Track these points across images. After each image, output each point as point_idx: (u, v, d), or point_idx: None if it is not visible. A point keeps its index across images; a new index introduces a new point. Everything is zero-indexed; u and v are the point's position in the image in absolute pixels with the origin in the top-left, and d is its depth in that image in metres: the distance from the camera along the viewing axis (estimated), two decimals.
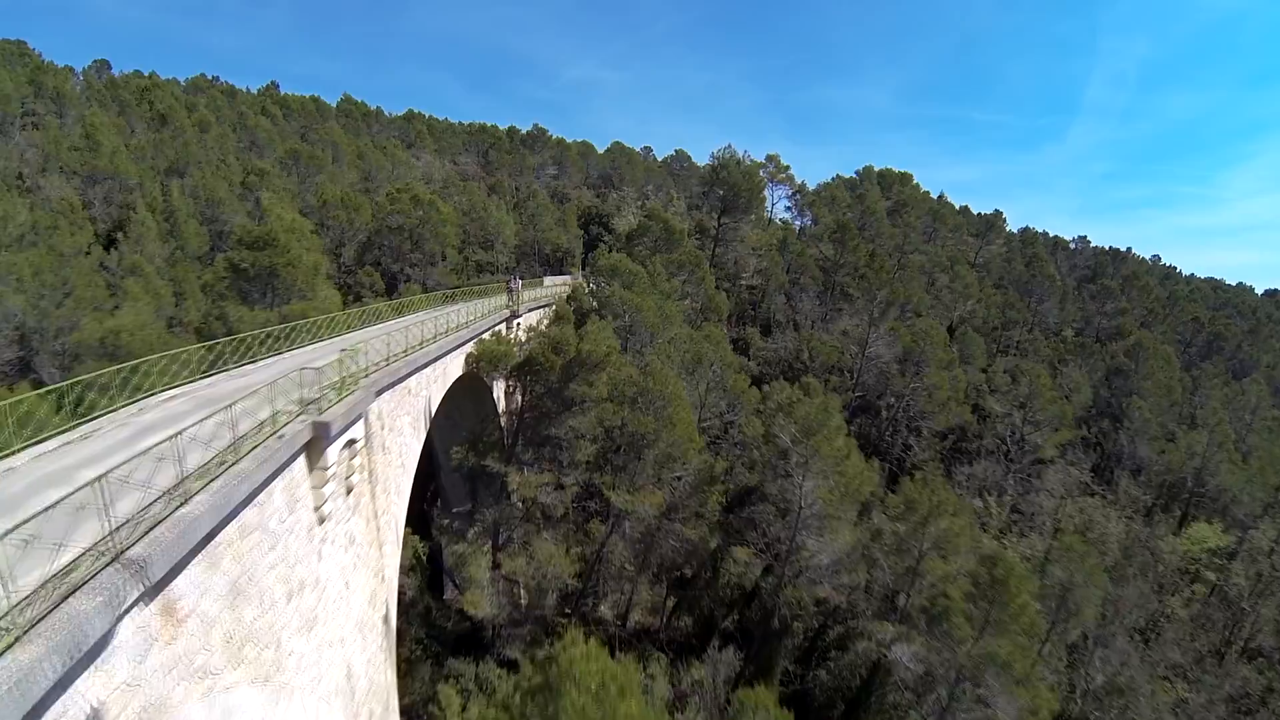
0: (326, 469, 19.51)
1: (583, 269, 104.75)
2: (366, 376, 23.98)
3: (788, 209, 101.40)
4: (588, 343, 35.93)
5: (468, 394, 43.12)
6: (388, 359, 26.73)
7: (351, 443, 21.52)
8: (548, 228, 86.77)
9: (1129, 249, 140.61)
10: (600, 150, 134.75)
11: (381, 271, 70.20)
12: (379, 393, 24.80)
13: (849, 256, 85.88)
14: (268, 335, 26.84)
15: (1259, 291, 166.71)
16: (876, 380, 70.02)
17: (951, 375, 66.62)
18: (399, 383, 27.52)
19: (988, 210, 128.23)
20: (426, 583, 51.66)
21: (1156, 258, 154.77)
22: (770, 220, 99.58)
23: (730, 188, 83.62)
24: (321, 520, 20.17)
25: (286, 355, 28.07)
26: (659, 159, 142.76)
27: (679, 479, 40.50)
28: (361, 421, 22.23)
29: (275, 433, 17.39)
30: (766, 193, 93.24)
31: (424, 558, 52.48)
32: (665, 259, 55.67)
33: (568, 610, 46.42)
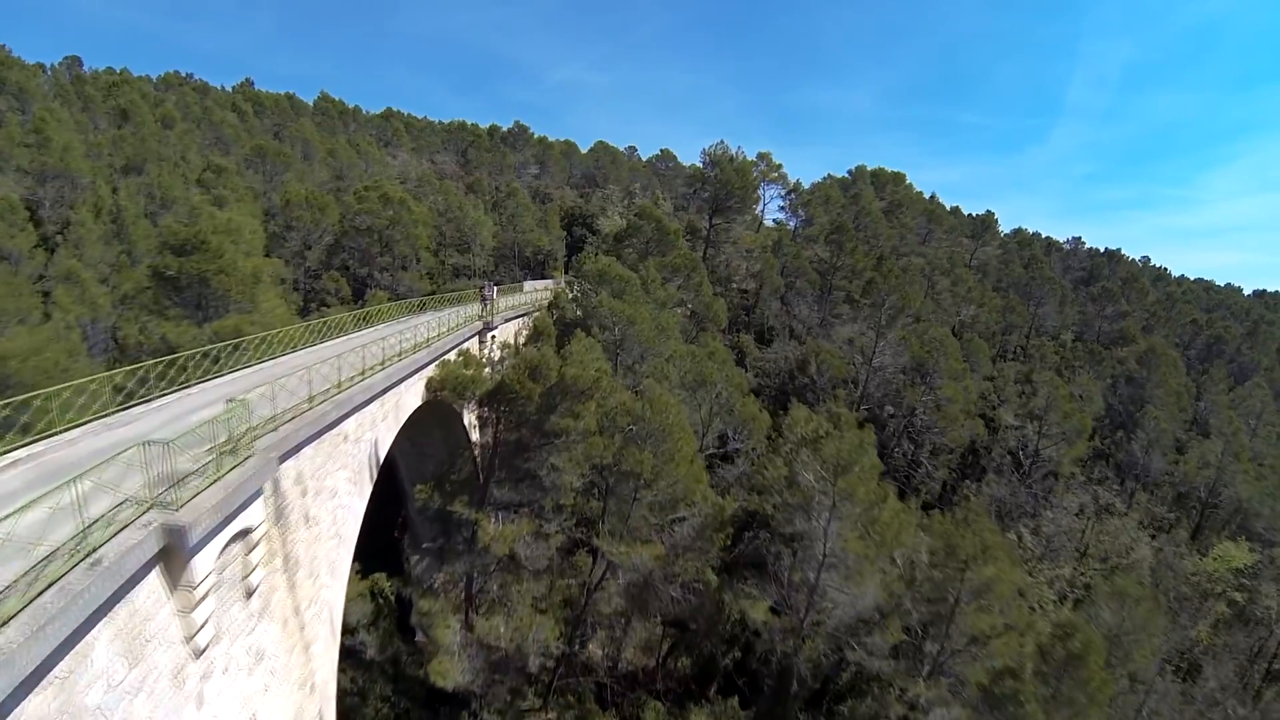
0: (195, 587, 12.93)
1: (566, 272, 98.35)
2: (275, 430, 17.37)
3: (781, 209, 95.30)
4: (572, 366, 29.42)
5: (435, 419, 36.63)
6: (310, 399, 20.04)
7: (245, 533, 14.95)
8: (528, 229, 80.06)
9: (1121, 250, 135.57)
10: (584, 150, 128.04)
11: (349, 276, 63.33)
12: (294, 450, 18.19)
13: (846, 259, 79.98)
14: (172, 363, 20.20)
15: (1246, 292, 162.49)
16: (882, 391, 63.94)
17: (963, 387, 60.60)
18: (331, 429, 20.89)
19: (977, 211, 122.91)
20: (395, 625, 45.08)
21: (1146, 259, 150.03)
22: (762, 221, 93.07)
23: (723, 186, 77.28)
24: (200, 652, 13.59)
25: (195, 390, 21.46)
26: (644, 159, 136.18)
27: (681, 520, 34.06)
28: (261, 500, 15.63)
29: (84, 558, 10.78)
30: (759, 192, 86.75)
31: (392, 597, 45.92)
32: (658, 262, 49.25)
33: (554, 657, 39.95)
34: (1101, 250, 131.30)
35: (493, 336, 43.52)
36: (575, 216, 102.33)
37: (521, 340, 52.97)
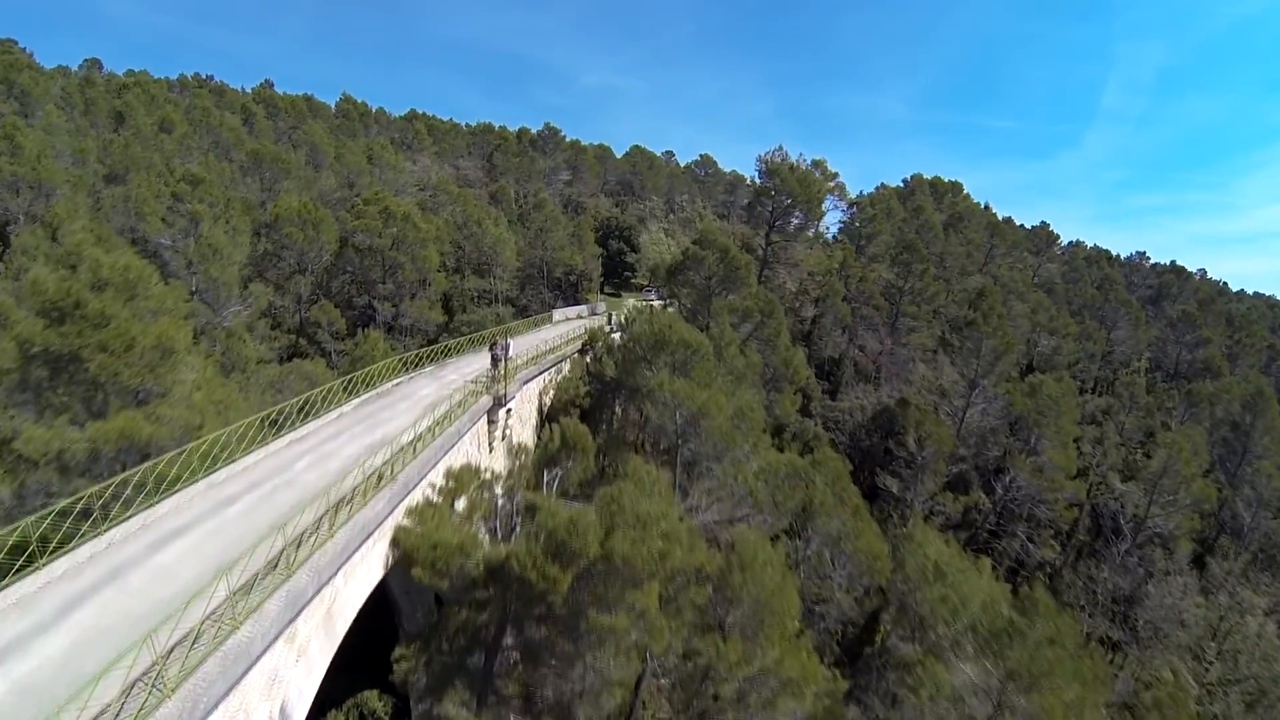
0: None
1: (601, 292, 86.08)
2: None
3: (840, 222, 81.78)
4: (623, 536, 16.88)
5: None
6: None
7: None
8: (558, 245, 67.64)
9: (1185, 265, 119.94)
10: (619, 154, 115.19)
11: (346, 305, 51.24)
12: None
13: (915, 282, 66.70)
14: None
15: None
16: (973, 449, 50.94)
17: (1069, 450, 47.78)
18: None
19: (1028, 221, 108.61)
20: None
21: (1203, 272, 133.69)
22: (823, 237, 79.50)
23: (783, 197, 64.22)
24: None
25: None
26: (682, 164, 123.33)
27: None
28: None
29: None
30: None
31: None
32: (727, 306, 36.66)
33: None
34: (1167, 265, 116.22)
35: (507, 414, 31.18)
36: (611, 229, 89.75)
37: (548, 400, 40.62)
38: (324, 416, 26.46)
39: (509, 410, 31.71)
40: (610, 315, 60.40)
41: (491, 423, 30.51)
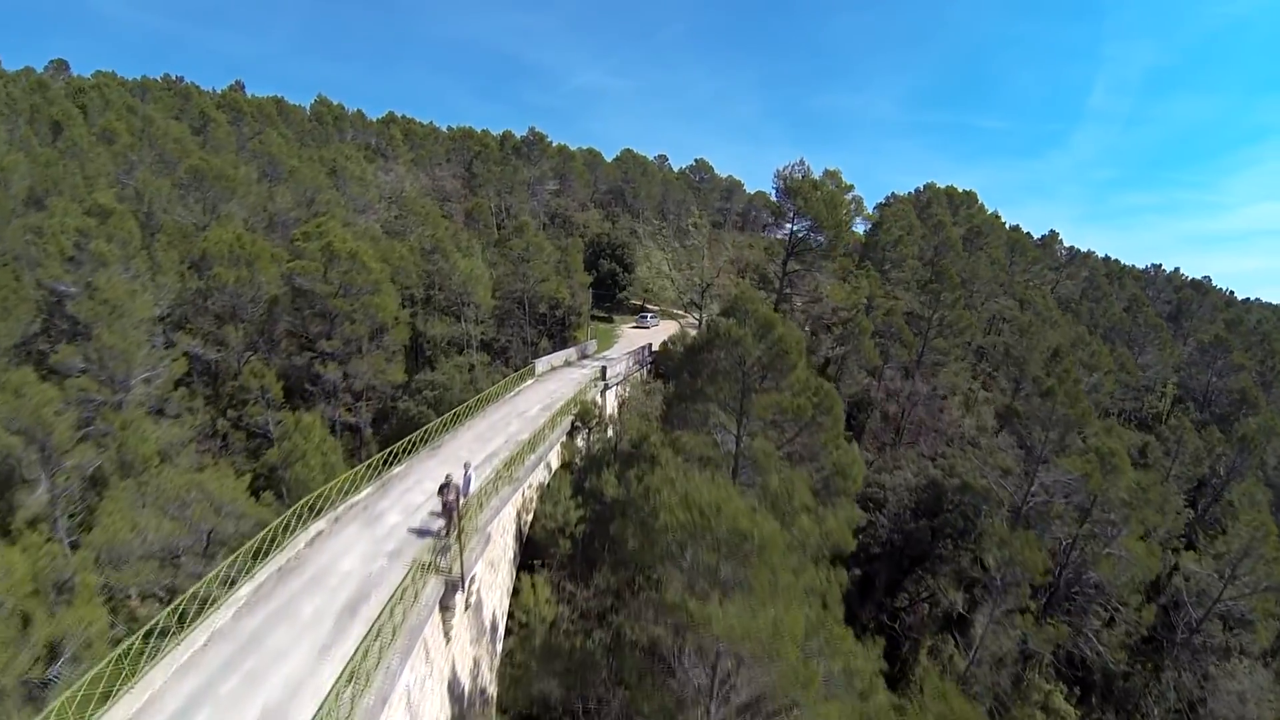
0: None
1: (592, 316, 74.97)
2: None
3: (859, 242, 70.71)
4: None
5: None
6: None
7: None
8: (543, 276, 56.72)
9: (1210, 279, 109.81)
10: (609, 159, 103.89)
11: (284, 366, 40.41)
12: None
13: (945, 312, 56.46)
14: None
15: None
16: (1038, 533, 40.79)
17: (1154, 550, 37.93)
18: None
19: (1036, 230, 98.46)
20: None
21: (1207, 278, 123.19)
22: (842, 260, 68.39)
23: (805, 220, 53.56)
24: None
25: None
26: (676, 169, 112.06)
27: None
28: None
29: None
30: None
31: None
32: (770, 401, 25.97)
33: None
34: (1188, 280, 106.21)
35: (470, 584, 20.63)
36: (602, 247, 78.95)
37: (528, 517, 30.01)
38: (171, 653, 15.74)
39: (472, 581, 21.17)
40: (604, 368, 49.72)
41: (446, 609, 19.97)
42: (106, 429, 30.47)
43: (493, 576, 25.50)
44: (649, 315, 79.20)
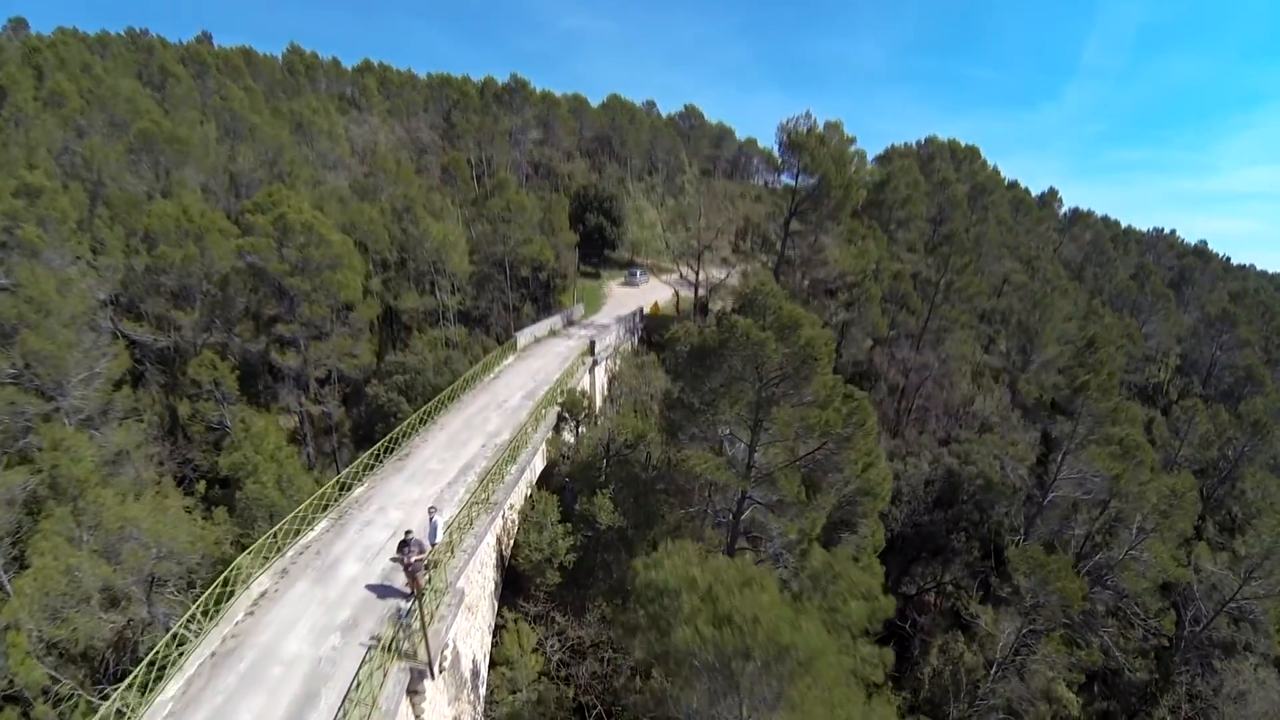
0: None
1: (579, 272, 69.32)
2: None
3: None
4: None
5: None
6: None
7: None
8: (525, 236, 51.45)
9: (1207, 244, 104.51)
10: (595, 106, 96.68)
11: (243, 351, 35.62)
12: None
13: (954, 277, 51.98)
14: None
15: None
16: (1056, 528, 37.58)
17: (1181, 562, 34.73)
18: None
19: (1034, 188, 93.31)
20: None
21: (1202, 243, 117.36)
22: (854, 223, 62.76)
23: (814, 179, 48.31)
24: None
25: None
26: (664, 115, 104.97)
27: None
28: None
29: None
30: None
31: None
32: (791, 414, 21.48)
33: None
34: (1191, 246, 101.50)
35: (441, 667, 16.63)
36: (588, 200, 73.18)
37: (510, 541, 25.84)
38: None
39: (446, 648, 17.10)
40: (592, 341, 45.16)
41: (414, 693, 15.96)
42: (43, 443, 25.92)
43: (471, 620, 21.56)
44: (637, 272, 74.02)
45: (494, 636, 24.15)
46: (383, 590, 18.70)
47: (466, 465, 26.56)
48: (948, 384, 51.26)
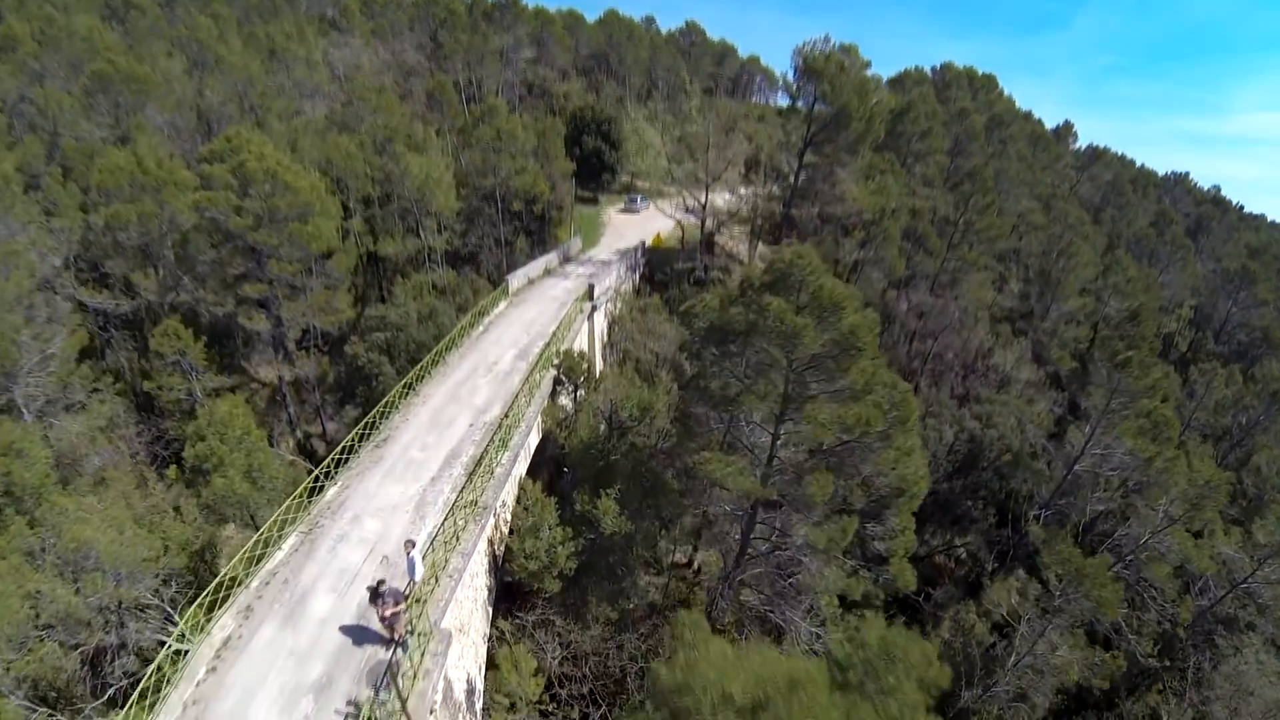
0: None
1: (576, 199, 64.23)
2: None
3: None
4: None
5: None
6: None
7: None
8: (518, 167, 46.84)
9: (1221, 189, 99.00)
10: (591, 22, 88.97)
11: (212, 315, 31.97)
12: None
13: (974, 217, 48.08)
14: None
15: None
16: (1078, 502, 35.17)
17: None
18: None
19: (1031, 111, 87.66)
20: None
21: (1216, 188, 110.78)
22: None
23: (832, 108, 43.45)
24: None
25: None
26: (664, 32, 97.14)
27: None
28: None
29: None
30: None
31: None
32: (827, 411, 18.28)
33: None
34: (1209, 193, 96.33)
35: (431, 709, 14.04)
36: (585, 122, 67.61)
37: (503, 544, 23.01)
38: None
39: (432, 708, 14.43)
40: (591, 285, 41.26)
41: None
42: None
43: (463, 640, 18.94)
44: (638, 198, 68.84)
45: (489, 645, 21.75)
46: (359, 634, 15.92)
47: (452, 453, 23.46)
48: (965, 332, 48.08)
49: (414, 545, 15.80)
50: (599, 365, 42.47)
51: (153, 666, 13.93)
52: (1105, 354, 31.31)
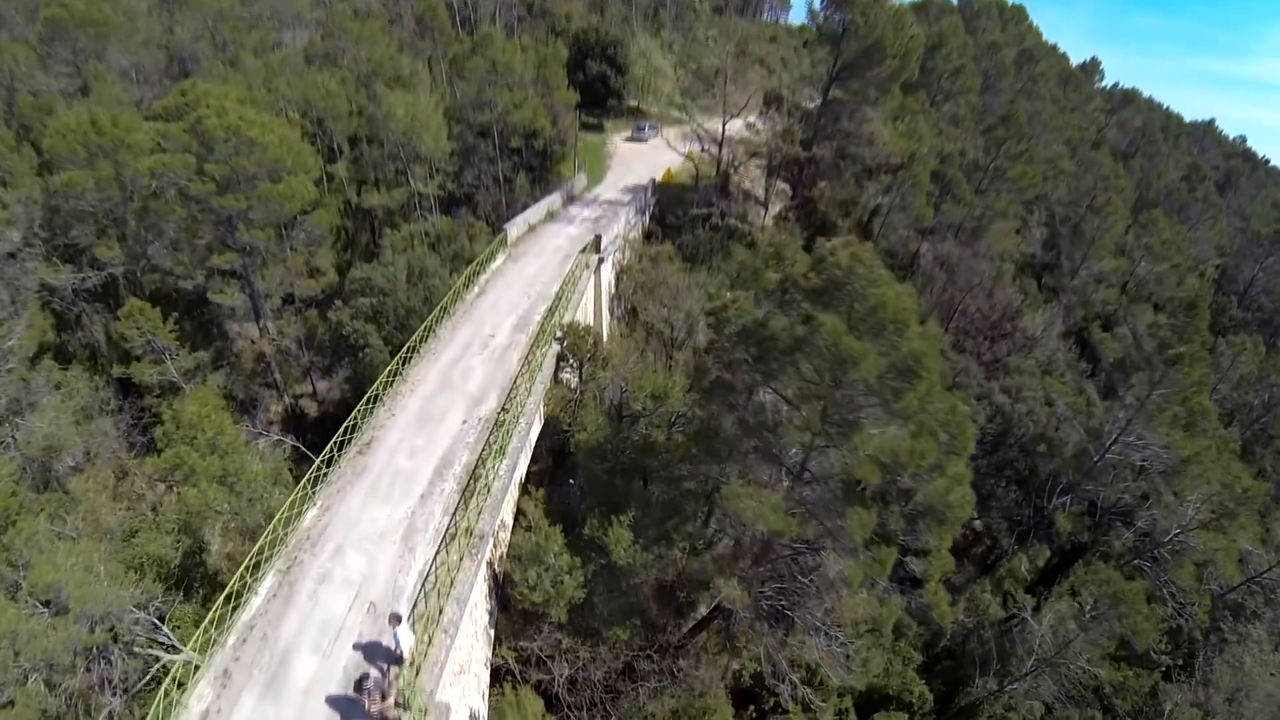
0: None
1: (580, 125, 58.76)
2: None
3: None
4: None
5: None
6: None
7: None
8: (516, 100, 42.50)
9: (1247, 140, 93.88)
10: None
11: (161, 290, 28.83)
12: None
13: (1006, 163, 44.39)
14: None
15: None
16: (1101, 482, 33.26)
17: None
18: None
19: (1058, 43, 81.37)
20: None
21: (1242, 138, 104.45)
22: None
23: (862, 41, 38.97)
24: None
25: None
26: None
27: None
28: None
29: None
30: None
31: None
32: (876, 442, 15.56)
33: None
34: (1236, 141, 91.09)
35: None
36: (589, 45, 62.14)
37: (503, 548, 20.72)
38: None
39: None
40: (598, 236, 37.47)
41: None
42: None
43: (463, 680, 16.99)
44: (645, 125, 63.34)
45: (492, 667, 19.87)
46: (347, 708, 13.83)
47: (444, 461, 20.85)
48: (991, 284, 45.02)
49: (400, 620, 13.46)
50: (606, 321, 39.42)
51: None
52: (1154, 343, 28.50)
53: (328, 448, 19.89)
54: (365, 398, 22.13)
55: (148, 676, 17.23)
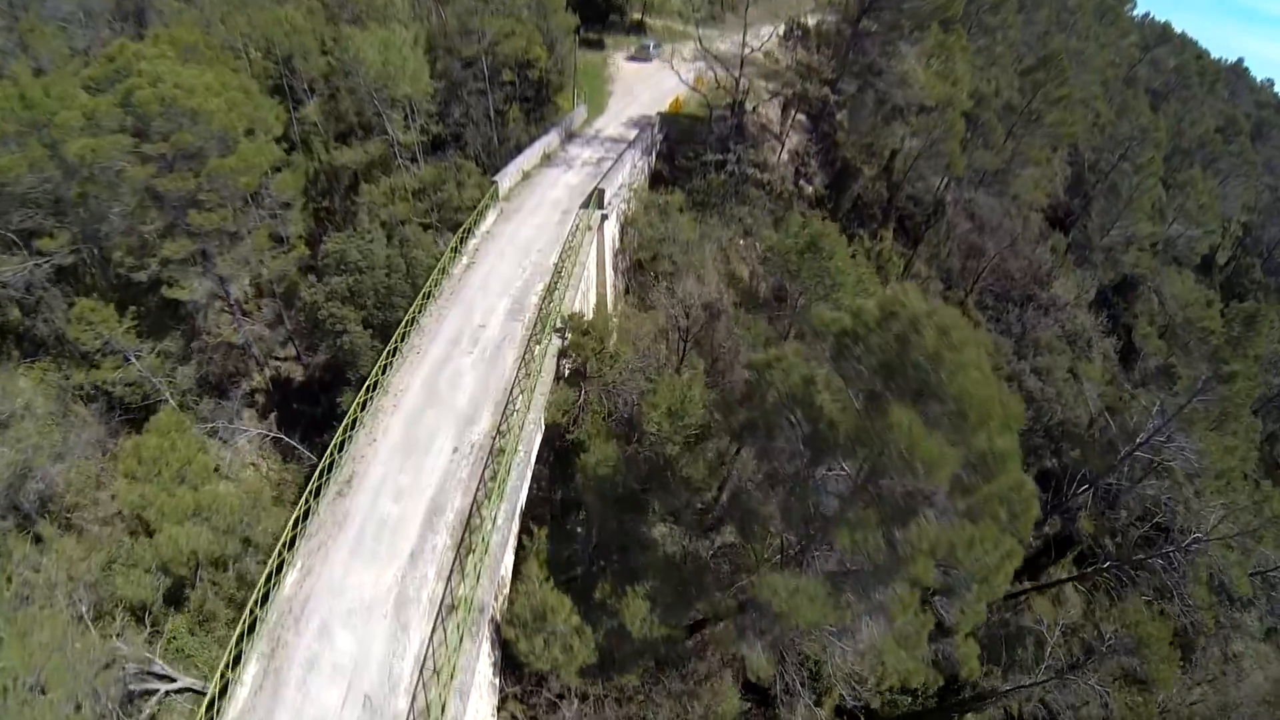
0: None
1: (579, 42, 52.52)
2: None
3: None
4: None
5: None
6: None
7: None
8: (507, 29, 37.73)
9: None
10: None
11: (116, 277, 25.40)
12: None
13: (1048, 111, 40.79)
14: None
15: None
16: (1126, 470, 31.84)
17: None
18: None
19: None
20: None
21: (1269, 81, 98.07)
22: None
23: None
24: None
25: None
26: None
27: None
28: None
29: None
30: None
31: None
32: (930, 535, 13.45)
33: None
34: (1267, 84, 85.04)
35: None
36: None
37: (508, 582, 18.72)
38: None
39: None
40: (601, 190, 33.54)
41: None
42: None
43: None
44: (650, 44, 57.35)
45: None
46: None
47: (434, 506, 18.46)
48: (1017, 238, 42.11)
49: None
50: (610, 282, 36.14)
51: None
52: (1205, 351, 26.11)
53: (304, 496, 17.46)
54: (343, 426, 19.45)
55: None
